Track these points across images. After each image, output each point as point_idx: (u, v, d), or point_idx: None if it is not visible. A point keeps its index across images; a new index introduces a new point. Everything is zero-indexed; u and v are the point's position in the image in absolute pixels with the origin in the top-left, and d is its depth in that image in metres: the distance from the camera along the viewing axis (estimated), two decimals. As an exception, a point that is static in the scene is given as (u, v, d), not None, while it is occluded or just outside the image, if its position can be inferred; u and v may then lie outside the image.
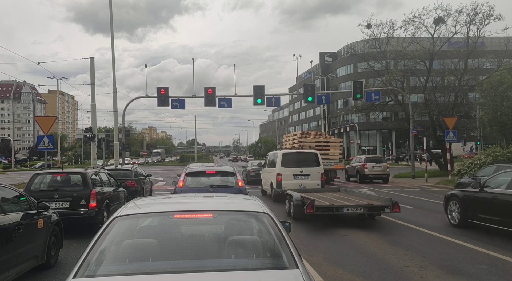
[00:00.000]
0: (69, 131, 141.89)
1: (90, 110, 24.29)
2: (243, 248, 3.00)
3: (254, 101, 27.10)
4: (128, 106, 38.93)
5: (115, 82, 26.46)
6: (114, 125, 26.77)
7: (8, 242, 5.24)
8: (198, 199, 4.21)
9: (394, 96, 37.90)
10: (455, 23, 35.01)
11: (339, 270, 6.37)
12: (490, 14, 33.32)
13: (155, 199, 4.76)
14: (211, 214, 3.33)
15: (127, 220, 3.21)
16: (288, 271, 2.66)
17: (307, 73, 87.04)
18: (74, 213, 8.98)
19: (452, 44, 38.46)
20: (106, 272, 2.65)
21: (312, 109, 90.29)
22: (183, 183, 9.78)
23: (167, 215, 3.31)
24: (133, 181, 15.40)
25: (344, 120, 77.51)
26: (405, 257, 7.07)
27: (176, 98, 28.03)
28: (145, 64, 30.90)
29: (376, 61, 41.52)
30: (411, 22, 35.77)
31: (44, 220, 6.41)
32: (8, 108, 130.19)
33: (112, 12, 24.95)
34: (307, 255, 7.03)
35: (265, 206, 3.50)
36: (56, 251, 6.89)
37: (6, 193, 5.98)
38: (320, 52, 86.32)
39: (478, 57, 37.58)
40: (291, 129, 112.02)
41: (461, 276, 5.92)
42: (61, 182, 9.72)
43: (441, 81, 38.94)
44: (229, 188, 9.66)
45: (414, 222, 10.63)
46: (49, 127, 16.45)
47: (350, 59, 66.14)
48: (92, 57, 23.64)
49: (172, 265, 2.73)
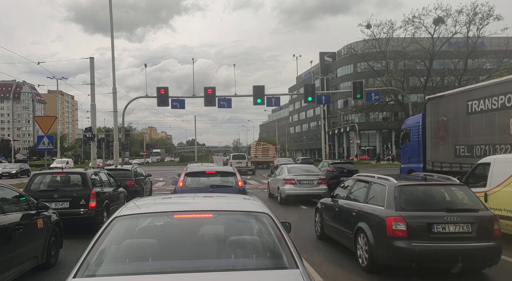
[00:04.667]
0: (69, 131, 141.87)
1: (90, 110, 24.27)
2: (243, 248, 3.00)
3: (254, 101, 27.10)
4: (128, 106, 38.95)
5: (115, 82, 26.46)
6: (114, 125, 26.76)
7: (8, 242, 5.24)
8: (198, 199, 4.20)
9: (394, 96, 37.91)
10: (454, 23, 35.10)
11: (339, 270, 6.37)
12: (490, 14, 33.38)
13: (155, 199, 4.77)
14: (211, 214, 3.33)
15: (127, 220, 3.21)
16: (288, 271, 2.66)
17: (307, 73, 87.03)
18: (74, 213, 8.98)
19: (452, 44, 38.47)
20: (106, 272, 2.65)
21: (312, 109, 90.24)
22: (183, 183, 9.77)
23: (167, 215, 3.31)
24: (133, 181, 15.40)
25: (344, 120, 77.51)
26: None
27: (176, 98, 28.05)
28: (145, 64, 30.90)
29: (376, 61, 41.53)
30: (411, 22, 35.85)
31: (44, 220, 6.41)
32: (8, 108, 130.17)
33: (112, 12, 24.95)
34: (307, 255, 7.03)
35: (265, 206, 3.50)
36: (56, 251, 6.89)
37: (6, 193, 5.98)
38: (320, 52, 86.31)
39: (478, 57, 37.60)
40: (291, 129, 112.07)
41: (461, 276, 5.91)
42: (61, 182, 9.72)
43: (441, 81, 38.96)
44: (229, 188, 9.64)
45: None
46: (49, 127, 16.45)
47: (350, 59, 66.19)
48: (92, 57, 23.63)
49: (172, 265, 2.73)
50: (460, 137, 13.59)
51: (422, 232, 5.79)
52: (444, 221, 5.80)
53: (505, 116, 11.44)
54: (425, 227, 5.79)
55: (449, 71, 37.64)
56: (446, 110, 14.57)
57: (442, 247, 5.74)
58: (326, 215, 8.42)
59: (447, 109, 14.51)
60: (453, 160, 13.70)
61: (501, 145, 11.73)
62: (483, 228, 5.88)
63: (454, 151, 13.67)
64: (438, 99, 15.41)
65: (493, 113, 12.09)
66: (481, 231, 5.85)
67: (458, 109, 13.78)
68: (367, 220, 6.46)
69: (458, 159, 13.45)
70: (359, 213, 6.78)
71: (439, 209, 6.03)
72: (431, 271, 6.13)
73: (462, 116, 13.53)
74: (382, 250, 6.03)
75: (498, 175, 8.54)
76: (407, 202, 6.13)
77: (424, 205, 6.25)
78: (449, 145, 14.02)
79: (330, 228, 8.18)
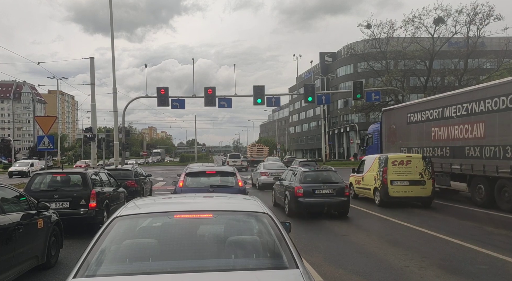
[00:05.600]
0: (69, 131, 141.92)
1: (90, 110, 24.30)
2: (243, 248, 2.99)
3: (254, 101, 27.11)
4: (128, 106, 38.97)
5: (115, 82, 26.50)
6: (114, 125, 26.77)
7: (8, 242, 5.24)
8: (198, 199, 4.20)
9: (394, 96, 37.90)
10: (455, 23, 35.07)
11: (339, 270, 6.37)
12: (490, 14, 33.34)
13: (155, 199, 4.76)
14: (211, 214, 3.32)
15: (127, 220, 3.21)
16: (288, 271, 2.66)
17: (307, 73, 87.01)
18: (74, 213, 8.97)
19: (452, 44, 38.45)
20: (106, 272, 2.65)
21: (312, 109, 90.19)
22: (183, 183, 9.77)
23: (167, 215, 3.31)
24: (133, 181, 15.40)
25: (344, 120, 77.47)
26: (405, 257, 7.07)
27: (176, 98, 28.06)
28: (145, 64, 30.88)
29: (376, 61, 41.51)
30: (411, 22, 35.82)
31: (44, 220, 6.41)
32: (8, 108, 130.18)
33: (112, 12, 24.96)
34: (307, 255, 7.03)
35: (265, 206, 3.50)
36: (56, 251, 6.88)
37: (6, 193, 5.98)
38: (320, 52, 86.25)
39: (478, 57, 37.57)
40: (291, 129, 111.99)
41: (461, 276, 5.92)
42: (61, 182, 9.71)
43: (441, 81, 38.94)
44: (229, 188, 9.65)
45: (414, 221, 10.63)
46: (49, 128, 16.46)
47: (350, 59, 66.16)
48: (92, 57, 23.65)
49: (172, 265, 2.73)
50: (403, 141, 18.17)
51: (309, 193, 11.49)
52: (320, 187, 11.62)
53: (429, 127, 16.03)
54: (311, 191, 11.52)
55: (449, 71, 37.63)
56: (394, 120, 19.17)
57: (319, 200, 11.51)
58: (276, 191, 14.09)
59: (395, 120, 19.12)
60: None
61: (427, 147, 16.19)
62: (339, 191, 11.59)
63: (399, 151, 17.89)
64: (390, 111, 20.29)
65: (422, 124, 16.61)
66: (338, 193, 11.57)
67: (401, 120, 18.37)
68: (289, 190, 12.10)
69: None
70: (286, 186, 12.47)
71: (319, 182, 11.81)
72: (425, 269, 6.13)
73: (404, 126, 18.12)
74: (292, 204, 11.73)
75: (367, 166, 15.32)
76: (305, 179, 11.85)
77: (313, 181, 11.88)
78: (396, 147, 18.51)
79: (277, 198, 13.87)
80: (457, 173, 14.42)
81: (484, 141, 12.83)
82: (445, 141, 14.99)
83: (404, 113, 18.01)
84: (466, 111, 13.76)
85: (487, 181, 13.02)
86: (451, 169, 14.59)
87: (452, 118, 14.59)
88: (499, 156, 12.11)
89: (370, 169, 14.89)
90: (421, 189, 13.47)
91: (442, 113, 15.23)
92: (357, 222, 10.98)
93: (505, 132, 11.96)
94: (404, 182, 13.58)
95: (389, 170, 13.65)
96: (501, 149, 12.05)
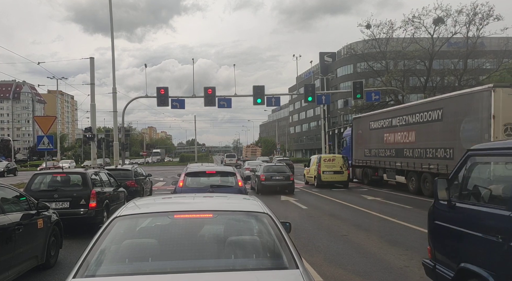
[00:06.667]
0: (68, 131, 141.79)
1: (90, 110, 24.26)
2: (243, 248, 2.99)
3: (254, 101, 27.10)
4: (127, 106, 38.95)
5: (115, 82, 26.44)
6: (114, 125, 26.75)
7: (8, 242, 5.24)
8: (198, 199, 4.20)
9: (394, 96, 37.88)
10: (454, 24, 35.00)
11: (339, 270, 6.37)
12: (490, 14, 33.30)
13: (155, 199, 4.76)
14: (211, 214, 3.32)
15: (127, 220, 3.21)
16: (288, 271, 2.65)
17: (307, 73, 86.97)
18: (74, 213, 8.97)
19: (451, 44, 38.40)
20: (106, 272, 2.65)
21: (312, 109, 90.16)
22: (183, 183, 9.77)
23: (167, 215, 3.30)
24: (133, 181, 15.41)
25: (344, 120, 77.42)
26: (405, 257, 7.07)
27: (176, 98, 28.04)
28: (145, 64, 30.85)
29: (376, 61, 41.49)
30: (411, 23, 35.78)
31: (44, 220, 6.41)
32: (7, 108, 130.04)
33: (112, 12, 24.94)
34: (307, 255, 7.03)
35: (265, 206, 3.49)
36: (56, 251, 6.89)
37: (6, 193, 5.98)
38: (320, 52, 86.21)
39: (477, 57, 37.54)
40: (291, 129, 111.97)
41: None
42: (61, 182, 9.72)
43: (441, 81, 38.92)
44: (229, 188, 9.65)
45: (414, 222, 10.63)
46: (48, 127, 16.47)
47: (350, 59, 66.13)
48: (92, 57, 23.61)
49: (172, 265, 2.73)
50: (366, 144, 22.62)
51: (268, 178, 18.82)
52: (275, 175, 19.03)
53: (382, 133, 20.62)
54: (270, 177, 18.86)
55: (449, 71, 37.59)
56: (361, 127, 23.63)
57: (274, 183, 18.74)
58: (252, 179, 21.41)
59: (362, 126, 23.56)
60: (364, 158, 22.89)
61: (381, 149, 20.73)
62: (287, 177, 19.09)
63: (364, 152, 22.91)
64: (358, 119, 24.90)
65: (379, 130, 21.16)
66: (286, 178, 19.14)
67: (366, 126, 22.89)
68: (257, 177, 19.44)
69: (365, 158, 22.80)
70: (256, 175, 19.77)
71: (275, 172, 19.35)
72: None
73: (367, 131, 22.62)
74: (259, 185, 18.99)
75: (311, 163, 23.23)
76: (267, 170, 19.41)
77: (271, 171, 19.29)
78: (363, 149, 23.04)
79: (252, 183, 20.95)
80: (399, 169, 19.16)
81: (415, 144, 17.35)
82: (392, 144, 19.58)
83: (368, 121, 22.75)
84: (405, 121, 18.36)
85: (416, 174, 17.59)
86: (395, 166, 19.24)
87: (396, 126, 19.12)
88: (423, 156, 16.65)
89: (312, 164, 23.03)
90: (341, 176, 21.54)
91: (391, 122, 19.82)
92: (357, 222, 10.98)
93: (426, 138, 16.40)
94: (330, 172, 21.48)
95: (321, 165, 21.50)
96: (424, 151, 16.54)
